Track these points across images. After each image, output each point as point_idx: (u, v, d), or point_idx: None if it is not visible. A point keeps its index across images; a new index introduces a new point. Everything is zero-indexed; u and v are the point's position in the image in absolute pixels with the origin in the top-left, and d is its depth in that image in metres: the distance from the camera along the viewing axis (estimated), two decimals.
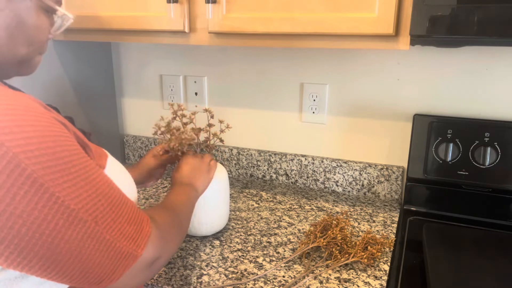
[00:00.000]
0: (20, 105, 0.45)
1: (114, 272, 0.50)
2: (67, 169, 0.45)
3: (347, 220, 1.01)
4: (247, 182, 1.35)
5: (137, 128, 1.51)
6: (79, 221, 0.46)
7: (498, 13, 0.70)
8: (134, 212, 0.53)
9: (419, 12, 0.76)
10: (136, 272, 0.53)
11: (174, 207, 0.69)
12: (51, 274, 0.46)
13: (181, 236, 0.67)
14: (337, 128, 1.25)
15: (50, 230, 0.44)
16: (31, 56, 0.57)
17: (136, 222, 0.53)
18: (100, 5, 1.04)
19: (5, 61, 0.54)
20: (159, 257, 0.55)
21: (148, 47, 1.39)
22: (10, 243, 0.43)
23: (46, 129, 0.45)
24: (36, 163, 0.43)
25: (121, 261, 0.50)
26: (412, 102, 1.14)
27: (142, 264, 0.53)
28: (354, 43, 0.87)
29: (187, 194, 0.77)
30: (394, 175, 1.20)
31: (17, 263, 0.44)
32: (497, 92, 1.06)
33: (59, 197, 0.44)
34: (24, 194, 0.42)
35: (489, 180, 1.05)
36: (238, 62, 1.30)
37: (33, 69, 0.60)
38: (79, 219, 0.46)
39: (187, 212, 0.73)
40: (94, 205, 0.47)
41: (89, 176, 0.48)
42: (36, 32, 0.56)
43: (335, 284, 0.82)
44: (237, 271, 0.86)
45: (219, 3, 0.92)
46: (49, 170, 0.44)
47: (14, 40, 0.53)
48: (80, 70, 1.28)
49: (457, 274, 0.82)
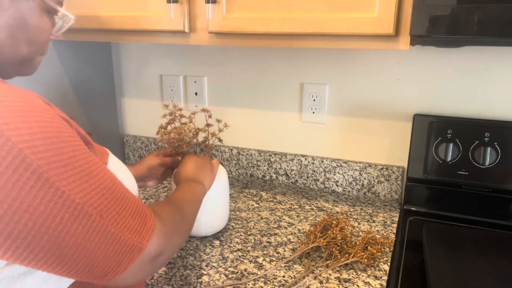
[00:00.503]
0: (25, 101, 0.45)
1: (119, 265, 0.50)
2: (71, 164, 0.46)
3: (347, 220, 1.01)
4: (247, 182, 1.35)
5: (137, 128, 1.51)
6: (84, 215, 0.46)
7: (498, 13, 0.70)
8: (137, 206, 0.54)
9: (419, 12, 0.76)
10: (140, 266, 0.53)
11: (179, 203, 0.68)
12: (57, 268, 0.47)
13: (186, 233, 0.66)
14: (337, 128, 1.25)
15: (56, 224, 0.45)
16: (32, 56, 0.58)
17: (140, 215, 0.53)
18: (100, 5, 1.04)
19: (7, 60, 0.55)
20: (162, 251, 0.55)
21: (148, 47, 1.39)
22: (16, 237, 0.43)
23: (50, 125, 0.46)
24: (41, 158, 0.43)
25: (126, 253, 0.50)
26: (412, 102, 1.14)
27: (146, 258, 0.53)
28: (354, 43, 0.87)
29: (192, 190, 0.76)
30: (394, 175, 1.20)
31: (23, 257, 0.45)
32: (497, 92, 1.06)
33: (65, 191, 0.45)
34: (29, 189, 0.43)
35: (489, 180, 1.05)
36: (238, 62, 1.30)
37: (34, 69, 0.61)
38: (84, 212, 0.46)
39: (192, 208, 0.72)
40: (98, 199, 0.48)
41: (93, 171, 0.49)
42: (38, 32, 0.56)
43: (335, 284, 0.82)
44: (237, 271, 0.86)
45: (219, 3, 0.92)
46: (54, 165, 0.44)
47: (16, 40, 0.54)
48: (80, 70, 1.28)
49: (457, 274, 0.82)
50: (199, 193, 0.77)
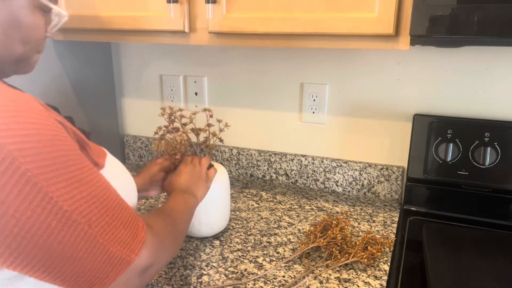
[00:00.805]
0: (20, 103, 0.45)
1: (106, 276, 0.49)
2: (62, 169, 0.45)
3: (347, 220, 1.01)
4: (247, 182, 1.35)
5: (137, 128, 1.51)
6: (72, 223, 0.45)
7: (498, 13, 0.70)
8: (129, 216, 0.53)
9: (419, 12, 0.76)
10: (128, 279, 0.52)
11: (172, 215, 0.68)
12: (43, 275, 0.46)
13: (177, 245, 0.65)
14: (337, 128, 1.25)
15: (43, 231, 0.43)
16: (28, 55, 0.57)
17: (131, 226, 0.52)
18: (100, 5, 1.04)
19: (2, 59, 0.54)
20: (152, 264, 0.54)
21: (148, 47, 1.39)
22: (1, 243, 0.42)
23: (44, 128, 0.45)
24: (30, 161, 0.42)
25: (114, 266, 0.49)
26: (412, 102, 1.14)
27: (134, 271, 0.52)
28: (354, 43, 0.87)
29: (185, 201, 0.76)
30: (394, 175, 1.20)
31: (10, 262, 0.44)
32: (497, 92, 1.06)
33: (53, 197, 0.43)
34: (18, 192, 0.42)
35: (489, 180, 1.05)
36: (238, 62, 1.30)
37: (31, 68, 0.60)
38: (72, 220, 0.45)
39: (185, 220, 0.72)
40: (88, 207, 0.47)
41: (85, 178, 0.48)
42: (32, 30, 0.55)
43: (335, 284, 0.82)
44: (237, 271, 0.86)
45: (219, 3, 0.92)
46: (44, 170, 0.43)
47: (9, 39, 0.53)
48: (80, 70, 1.28)
49: (457, 274, 0.82)
50: (190, 204, 0.77)
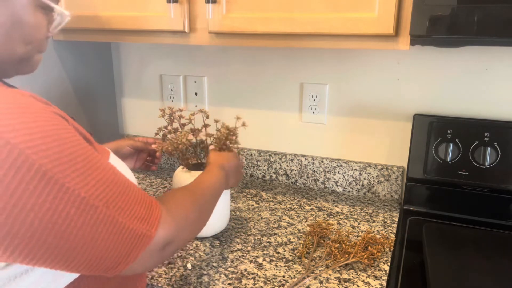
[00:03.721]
0: (20, 102, 0.45)
1: (129, 254, 0.50)
2: (73, 159, 0.46)
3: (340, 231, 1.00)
4: (247, 182, 1.35)
5: (137, 128, 1.51)
6: (91, 208, 0.47)
7: (498, 13, 0.70)
8: (142, 194, 0.54)
9: (419, 12, 0.76)
10: (150, 255, 0.53)
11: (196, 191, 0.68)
12: (66, 263, 0.47)
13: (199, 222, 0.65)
14: (337, 128, 1.25)
15: (63, 219, 0.45)
16: (30, 55, 0.57)
17: (145, 204, 0.54)
18: (100, 5, 1.04)
19: (4, 60, 0.54)
20: (171, 241, 0.55)
21: (148, 47, 1.39)
22: (24, 236, 0.43)
23: (48, 123, 0.46)
24: (43, 157, 0.44)
25: (135, 242, 0.51)
26: (412, 102, 1.14)
27: (155, 246, 0.53)
28: (354, 43, 0.87)
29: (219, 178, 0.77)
30: (394, 175, 1.20)
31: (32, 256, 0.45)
32: (497, 92, 1.06)
33: (69, 187, 0.45)
34: (33, 188, 0.43)
35: (489, 180, 1.05)
36: (238, 62, 1.30)
37: (33, 68, 0.60)
38: (90, 205, 0.47)
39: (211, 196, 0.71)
40: (103, 191, 0.48)
41: (94, 164, 0.49)
42: (33, 30, 0.55)
43: (335, 284, 0.82)
44: (237, 271, 0.86)
45: (219, 3, 0.92)
46: (56, 163, 0.45)
47: (11, 39, 0.53)
48: (80, 70, 1.28)
49: (457, 274, 0.82)
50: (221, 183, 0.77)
